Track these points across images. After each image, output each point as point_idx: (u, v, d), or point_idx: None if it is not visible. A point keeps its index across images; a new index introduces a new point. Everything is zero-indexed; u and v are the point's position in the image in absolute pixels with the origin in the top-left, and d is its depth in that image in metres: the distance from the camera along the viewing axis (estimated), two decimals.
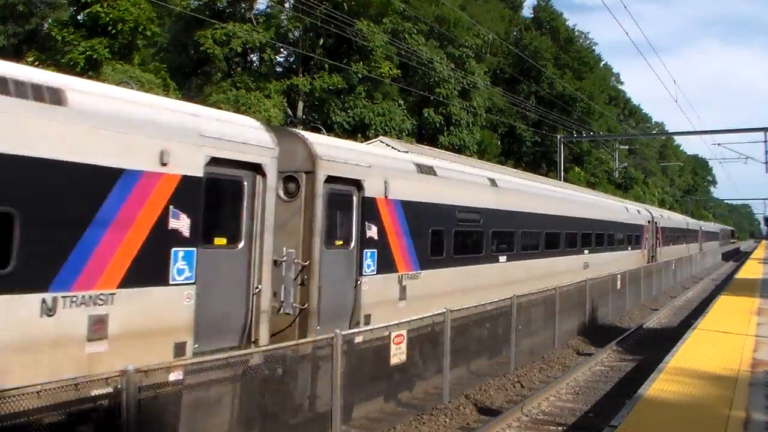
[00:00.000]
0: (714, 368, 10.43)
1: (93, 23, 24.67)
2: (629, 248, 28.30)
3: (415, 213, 11.20)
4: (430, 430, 9.74)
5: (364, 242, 9.88)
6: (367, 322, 9.76)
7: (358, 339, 9.08)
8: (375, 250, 10.12)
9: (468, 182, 13.69)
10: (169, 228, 6.83)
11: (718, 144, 53.00)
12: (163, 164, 6.77)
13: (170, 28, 35.65)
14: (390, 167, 10.85)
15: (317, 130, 10.70)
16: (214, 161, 7.35)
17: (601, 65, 74.90)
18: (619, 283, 21.73)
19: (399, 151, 14.89)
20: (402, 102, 36.72)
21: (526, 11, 66.98)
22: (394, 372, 9.92)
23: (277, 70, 37.52)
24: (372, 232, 10.06)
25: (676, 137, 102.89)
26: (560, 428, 10.21)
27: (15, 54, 30.36)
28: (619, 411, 8.22)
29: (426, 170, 12.04)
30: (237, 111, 25.38)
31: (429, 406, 10.55)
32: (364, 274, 9.86)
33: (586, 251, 21.41)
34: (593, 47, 71.37)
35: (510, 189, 15.88)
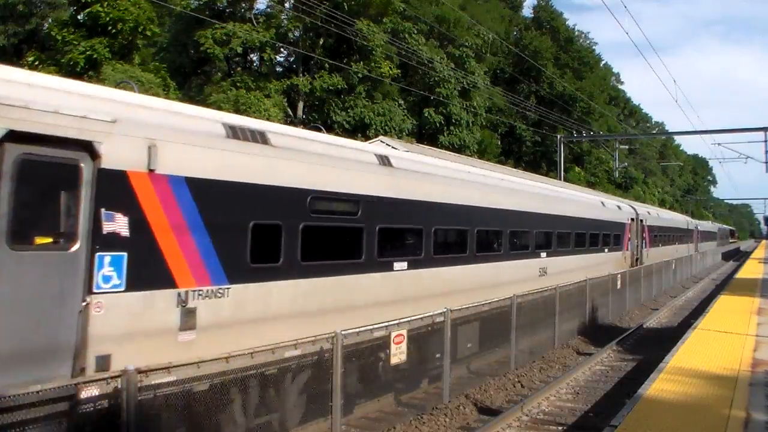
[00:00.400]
0: (714, 368, 10.42)
1: (93, 23, 24.69)
2: (606, 250, 24.02)
3: (219, 198, 7.58)
4: (430, 429, 9.74)
5: (102, 240, 6.39)
6: (103, 368, 6.23)
7: (355, 339, 8.73)
8: (124, 254, 6.55)
9: (335, 158, 9.59)
10: None
11: (718, 144, 53.08)
12: None
13: (170, 28, 35.65)
14: (166, 125, 7.14)
15: (318, 130, 10.62)
16: None
17: (601, 65, 74.96)
18: (619, 282, 21.73)
19: (395, 148, 14.54)
20: (402, 102, 36.71)
21: (526, 11, 67.13)
22: (395, 372, 9.92)
23: (277, 69, 37.53)
24: (118, 224, 6.55)
25: (676, 137, 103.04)
26: (560, 428, 10.20)
27: (15, 54, 30.40)
28: (619, 411, 8.21)
29: (248, 136, 8.14)
30: (237, 111, 25.41)
31: (429, 406, 10.55)
32: (97, 290, 6.30)
33: (543, 254, 17.32)
34: (593, 47, 71.49)
35: (417, 171, 11.69)
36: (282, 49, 35.35)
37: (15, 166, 5.77)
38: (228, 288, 7.57)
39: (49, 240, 6.19)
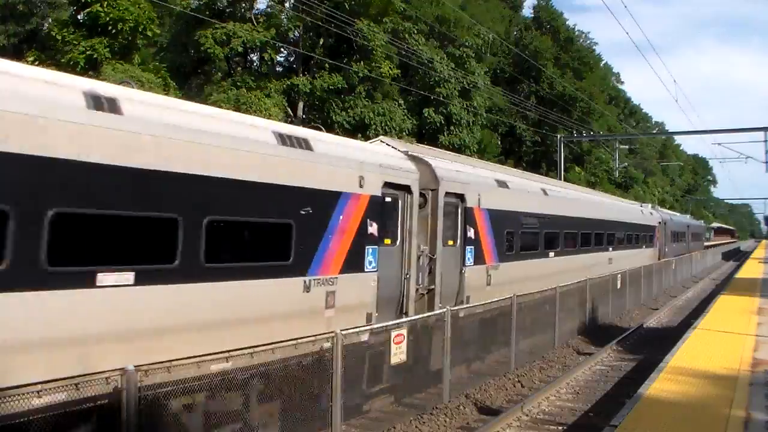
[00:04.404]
0: (714, 368, 10.43)
1: (93, 23, 24.64)
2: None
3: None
4: (430, 429, 9.73)
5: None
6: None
7: (364, 338, 9.20)
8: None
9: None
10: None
11: (718, 143, 53.10)
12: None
13: (170, 27, 35.62)
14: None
15: (317, 130, 10.66)
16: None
17: (601, 65, 74.90)
18: (619, 282, 21.73)
19: (398, 150, 14.67)
20: (402, 102, 36.68)
21: (526, 11, 67.07)
22: (394, 371, 9.93)
23: (278, 69, 37.51)
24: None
25: (676, 137, 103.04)
26: (560, 428, 10.21)
27: (15, 54, 30.39)
28: (620, 410, 8.22)
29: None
30: (237, 110, 25.40)
31: (429, 406, 10.55)
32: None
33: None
34: (593, 47, 71.42)
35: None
36: (282, 49, 35.34)
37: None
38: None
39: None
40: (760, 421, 7.64)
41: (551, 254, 17.67)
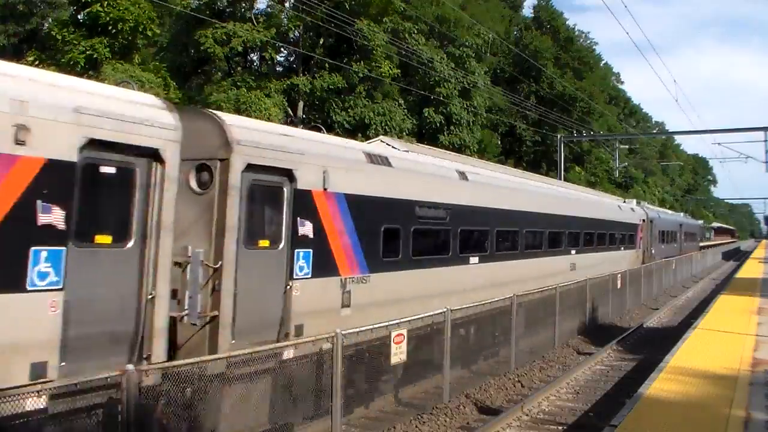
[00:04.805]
0: (714, 367, 10.42)
1: (93, 23, 24.66)
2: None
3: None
4: (430, 429, 9.74)
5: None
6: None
7: (355, 339, 8.83)
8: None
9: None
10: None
11: (718, 143, 53.09)
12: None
13: (170, 27, 35.63)
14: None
15: (318, 130, 10.62)
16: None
17: (601, 65, 74.91)
18: (619, 282, 21.72)
19: (397, 149, 14.55)
20: (402, 102, 36.69)
21: (527, 11, 67.07)
22: (394, 371, 9.92)
23: (278, 69, 37.52)
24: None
25: (676, 137, 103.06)
26: (560, 428, 10.21)
27: (15, 54, 30.41)
28: (620, 410, 8.22)
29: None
30: (237, 110, 25.42)
31: (429, 405, 10.55)
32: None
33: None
34: (593, 47, 71.44)
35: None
36: (282, 49, 35.35)
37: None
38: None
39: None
40: (760, 421, 7.64)
41: (473, 260, 13.32)
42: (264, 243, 8.41)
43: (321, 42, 35.49)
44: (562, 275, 17.73)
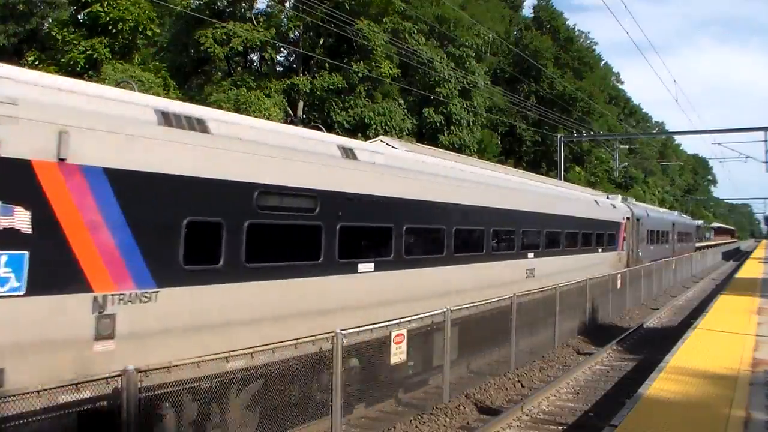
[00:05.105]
0: (714, 367, 10.42)
1: (93, 23, 24.70)
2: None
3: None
4: (430, 429, 9.74)
5: None
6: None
7: (357, 339, 8.78)
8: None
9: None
10: None
11: (718, 143, 53.10)
12: None
13: (170, 27, 35.65)
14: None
15: (317, 129, 10.59)
16: None
17: (601, 65, 74.95)
18: (619, 282, 21.73)
19: (396, 148, 14.47)
20: (402, 101, 36.70)
21: (526, 11, 67.13)
22: (395, 371, 9.91)
23: (278, 69, 37.53)
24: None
25: (676, 137, 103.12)
26: (560, 428, 10.20)
27: (15, 53, 30.41)
28: (620, 410, 8.21)
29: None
30: (237, 110, 25.40)
31: (429, 405, 10.55)
32: None
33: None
34: (593, 47, 71.51)
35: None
36: (282, 49, 35.37)
37: None
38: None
39: None
40: (760, 421, 7.63)
41: (363, 268, 9.87)
42: None
43: (321, 42, 35.50)
44: (516, 285, 14.54)
